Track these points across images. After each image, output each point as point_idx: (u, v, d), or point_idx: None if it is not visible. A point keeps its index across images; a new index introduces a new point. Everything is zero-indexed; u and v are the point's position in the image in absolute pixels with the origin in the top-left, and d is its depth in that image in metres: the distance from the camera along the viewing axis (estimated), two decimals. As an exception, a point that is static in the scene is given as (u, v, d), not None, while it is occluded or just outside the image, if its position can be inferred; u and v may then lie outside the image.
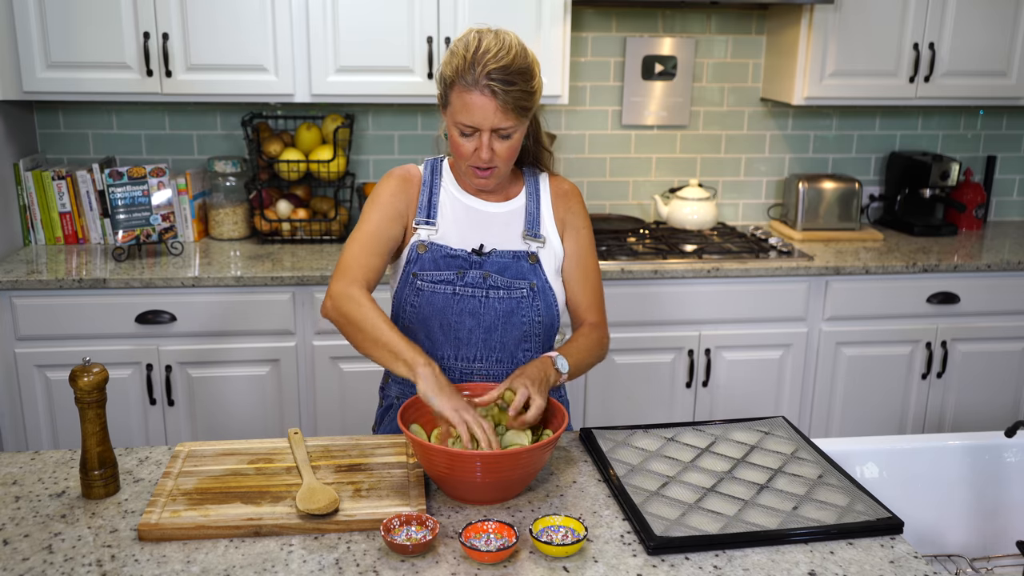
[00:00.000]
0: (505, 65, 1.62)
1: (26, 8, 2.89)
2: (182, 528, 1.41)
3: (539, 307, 1.79)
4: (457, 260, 1.77)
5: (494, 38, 1.65)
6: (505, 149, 1.70)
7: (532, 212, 1.83)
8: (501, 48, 1.64)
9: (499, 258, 1.78)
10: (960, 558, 1.89)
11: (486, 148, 1.68)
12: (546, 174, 1.89)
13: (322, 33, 3.00)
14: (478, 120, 1.65)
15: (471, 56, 1.63)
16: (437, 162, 1.86)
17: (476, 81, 1.62)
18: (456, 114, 1.67)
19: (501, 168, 1.73)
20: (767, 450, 1.71)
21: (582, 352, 1.80)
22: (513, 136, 1.69)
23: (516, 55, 1.65)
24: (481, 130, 1.66)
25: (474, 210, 1.81)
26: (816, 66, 3.26)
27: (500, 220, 1.82)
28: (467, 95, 1.64)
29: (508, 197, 1.84)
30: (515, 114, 1.65)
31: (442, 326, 1.77)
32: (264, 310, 2.90)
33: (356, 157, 3.48)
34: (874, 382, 3.24)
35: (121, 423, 2.90)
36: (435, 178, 1.83)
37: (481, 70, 1.62)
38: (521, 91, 1.64)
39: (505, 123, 1.66)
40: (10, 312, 2.82)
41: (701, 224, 3.45)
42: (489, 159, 1.69)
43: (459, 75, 1.64)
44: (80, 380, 1.48)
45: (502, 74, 1.62)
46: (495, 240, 1.80)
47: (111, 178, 3.03)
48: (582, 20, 3.45)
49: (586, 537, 1.39)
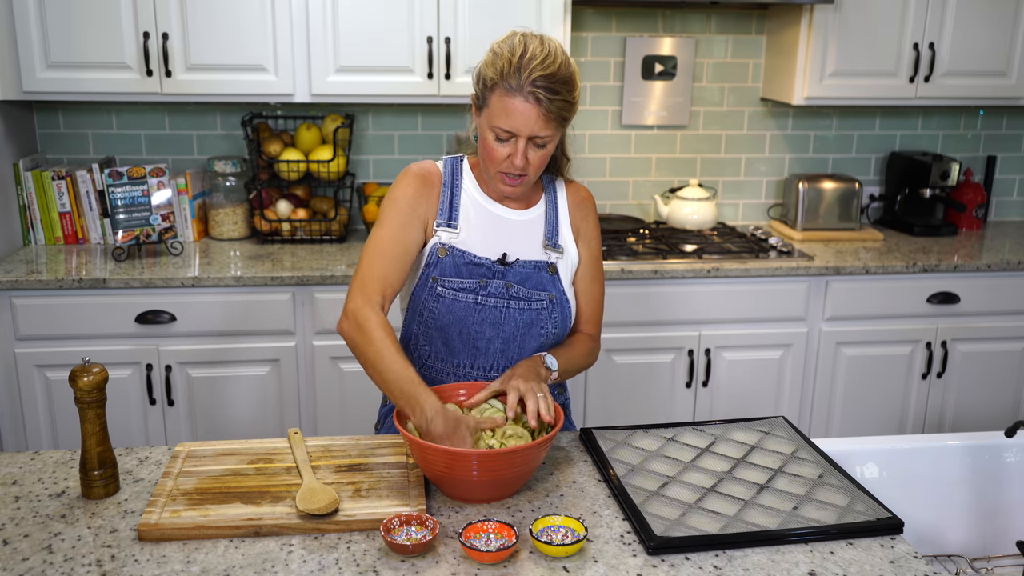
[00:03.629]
0: (551, 73, 1.59)
1: (26, 8, 2.89)
2: (182, 528, 1.41)
3: (557, 319, 1.78)
4: (481, 268, 1.74)
5: (540, 44, 1.62)
6: (538, 158, 1.67)
7: (552, 221, 1.81)
8: (548, 56, 1.60)
9: (522, 268, 1.75)
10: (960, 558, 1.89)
11: (520, 155, 1.64)
12: (562, 180, 1.86)
13: (322, 33, 3.00)
14: (518, 126, 1.62)
15: (517, 60, 1.59)
16: (457, 161, 1.81)
17: (520, 87, 1.59)
18: (494, 118, 1.63)
19: (531, 177, 1.70)
20: (767, 450, 1.71)
21: (574, 358, 1.80)
22: (548, 145, 1.67)
23: (562, 64, 1.62)
24: (519, 136, 1.63)
25: (497, 216, 1.78)
26: (816, 66, 3.26)
27: (522, 228, 1.79)
28: (509, 100, 1.60)
29: (529, 205, 1.81)
30: (556, 123, 1.63)
31: (461, 334, 1.75)
32: (264, 310, 2.90)
33: (356, 157, 3.48)
34: (874, 382, 3.24)
35: (121, 423, 2.90)
36: (456, 179, 1.78)
37: (527, 76, 1.58)
38: (564, 101, 1.61)
39: (545, 132, 1.63)
40: (10, 312, 2.82)
41: (701, 224, 3.45)
42: (523, 167, 1.66)
43: (503, 78, 1.60)
44: (80, 380, 1.48)
45: (548, 82, 1.59)
46: (517, 249, 1.77)
47: (111, 178, 3.03)
48: (582, 20, 3.45)
49: (586, 537, 1.39)
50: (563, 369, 1.75)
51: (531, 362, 1.69)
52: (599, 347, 1.90)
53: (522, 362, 1.69)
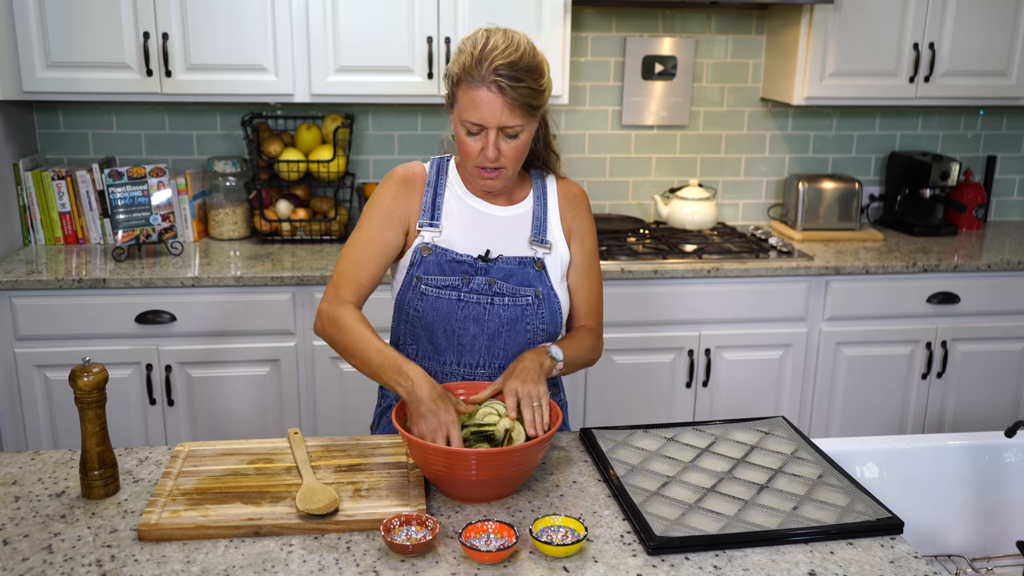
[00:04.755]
0: (513, 61, 1.60)
1: (26, 8, 2.89)
2: (182, 528, 1.41)
3: (544, 315, 1.77)
4: (463, 265, 1.75)
5: (503, 36, 1.63)
6: (512, 149, 1.67)
7: (539, 217, 1.80)
8: (509, 45, 1.61)
9: (505, 264, 1.75)
10: (960, 558, 1.89)
11: (492, 146, 1.64)
12: (553, 177, 1.85)
13: (322, 33, 3.00)
14: (484, 117, 1.62)
15: (479, 53, 1.61)
16: (444, 161, 1.83)
17: (483, 77, 1.60)
18: (463, 112, 1.64)
19: (508, 170, 1.70)
20: (767, 450, 1.71)
21: (578, 350, 1.79)
22: (520, 136, 1.66)
23: (525, 52, 1.62)
24: (488, 128, 1.63)
25: (480, 213, 1.78)
26: (816, 66, 3.26)
27: (507, 224, 1.79)
28: (474, 92, 1.61)
29: (515, 201, 1.81)
30: (522, 112, 1.63)
31: (446, 332, 1.76)
32: (264, 310, 2.90)
33: (356, 157, 3.48)
34: (874, 382, 3.24)
35: (121, 423, 2.90)
36: (441, 178, 1.80)
37: (488, 66, 1.59)
38: (529, 88, 1.61)
39: (512, 121, 1.63)
40: (10, 312, 2.82)
41: (701, 224, 3.45)
42: (495, 158, 1.66)
43: (466, 72, 1.62)
44: (80, 380, 1.48)
45: (510, 70, 1.59)
46: (501, 245, 1.77)
47: (111, 178, 3.03)
48: (582, 20, 3.45)
49: (586, 537, 1.39)
50: (569, 359, 1.74)
51: (535, 354, 1.68)
52: (602, 343, 1.89)
53: (526, 354, 1.68)
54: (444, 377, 1.79)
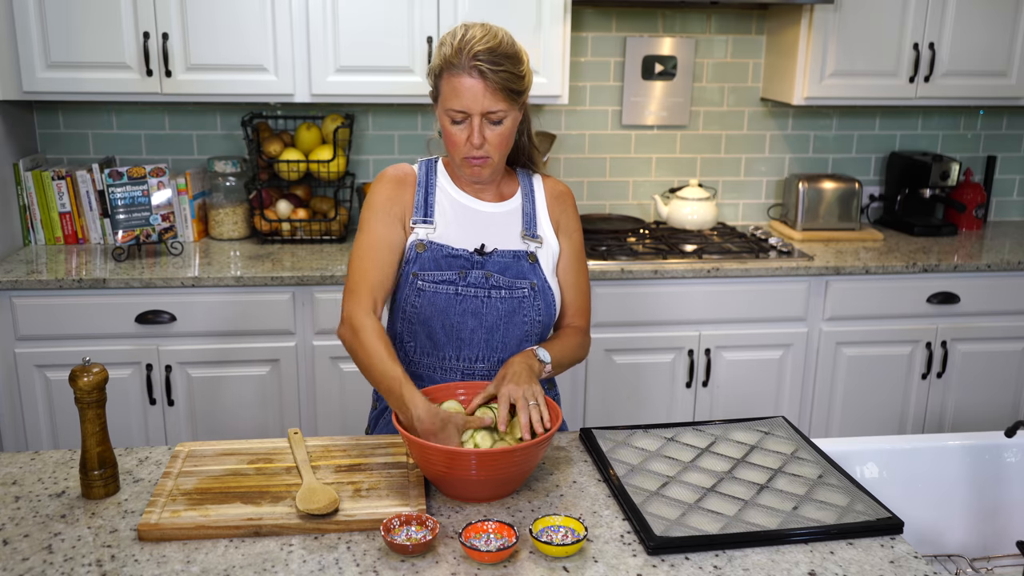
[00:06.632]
0: (492, 47, 1.65)
1: (26, 8, 2.89)
2: (182, 528, 1.41)
3: (539, 306, 1.79)
4: (459, 260, 1.77)
5: (481, 27, 1.69)
6: (496, 136, 1.70)
7: (529, 212, 1.83)
8: (488, 33, 1.67)
9: (500, 258, 1.78)
10: (960, 558, 1.89)
11: (477, 133, 1.68)
12: (539, 175, 1.89)
13: (322, 33, 3.00)
14: (467, 103, 1.66)
15: (458, 43, 1.66)
16: (432, 162, 1.86)
17: (464, 64, 1.64)
18: (446, 101, 1.68)
19: (494, 158, 1.73)
20: (767, 450, 1.71)
21: (565, 350, 1.81)
22: (504, 122, 1.70)
23: (503, 41, 1.67)
24: (471, 115, 1.67)
25: (472, 210, 1.81)
26: (816, 66, 3.26)
27: (498, 220, 1.81)
28: (456, 79, 1.65)
29: (504, 197, 1.84)
30: (504, 96, 1.66)
31: (444, 326, 1.77)
32: (264, 310, 2.90)
33: (356, 157, 3.48)
34: (874, 382, 3.24)
35: (121, 423, 2.90)
36: (431, 178, 1.82)
37: (468, 52, 1.64)
38: (509, 72, 1.66)
39: (495, 106, 1.66)
40: (10, 312, 2.82)
41: (701, 224, 3.45)
42: (480, 144, 1.69)
43: (447, 62, 1.66)
44: (80, 380, 1.48)
45: (489, 55, 1.64)
46: (494, 240, 1.79)
47: (111, 178, 3.03)
48: (582, 20, 3.45)
49: (586, 537, 1.39)
50: (556, 362, 1.76)
51: (523, 357, 1.69)
52: (590, 340, 1.91)
53: (514, 358, 1.69)
54: (444, 373, 1.80)
